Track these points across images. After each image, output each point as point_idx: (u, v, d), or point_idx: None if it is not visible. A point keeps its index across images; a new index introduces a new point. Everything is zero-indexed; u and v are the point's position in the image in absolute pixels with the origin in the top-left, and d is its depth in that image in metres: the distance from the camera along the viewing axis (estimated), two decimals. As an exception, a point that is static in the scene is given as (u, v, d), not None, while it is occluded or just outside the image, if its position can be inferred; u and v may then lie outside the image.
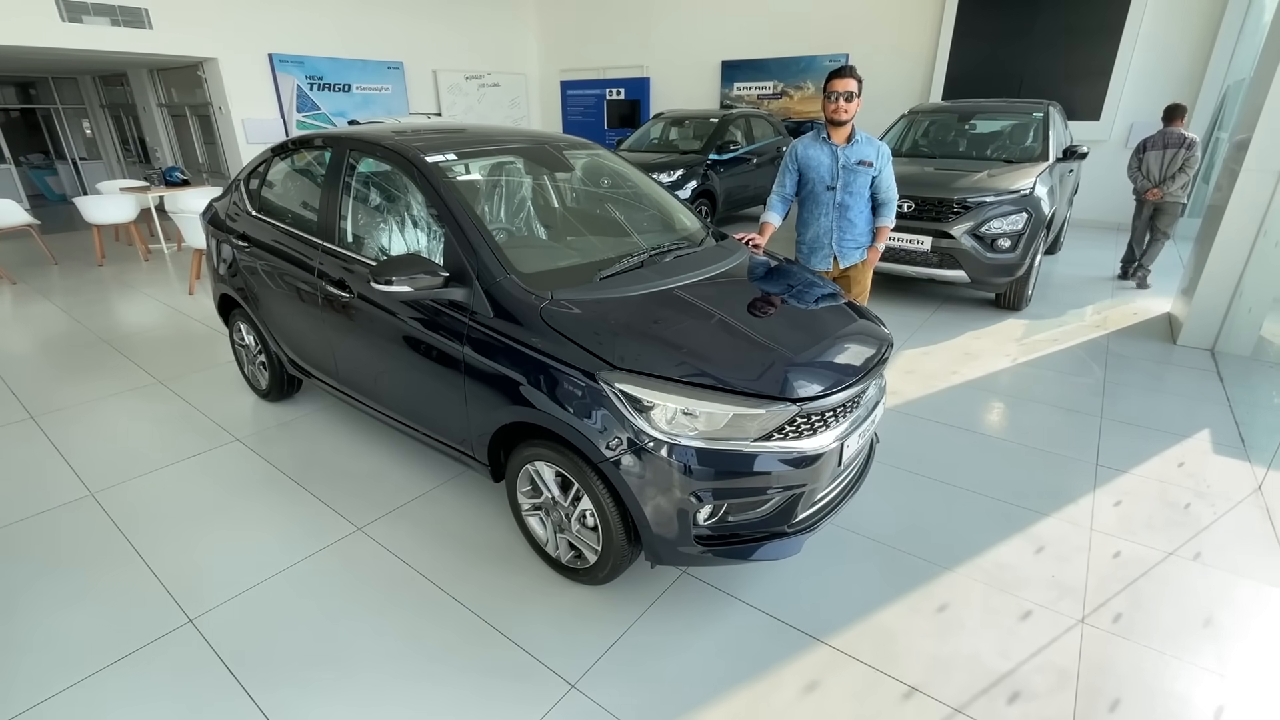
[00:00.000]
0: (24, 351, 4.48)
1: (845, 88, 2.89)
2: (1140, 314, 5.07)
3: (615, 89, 12.26)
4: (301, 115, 9.88)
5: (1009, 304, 5.08)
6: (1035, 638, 2.01)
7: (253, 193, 3.23)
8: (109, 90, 11.89)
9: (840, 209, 3.08)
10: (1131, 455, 3.04)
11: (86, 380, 3.93)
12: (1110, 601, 2.15)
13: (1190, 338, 4.37)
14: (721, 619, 2.10)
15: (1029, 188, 4.70)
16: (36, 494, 2.77)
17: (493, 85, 12.51)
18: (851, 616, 2.10)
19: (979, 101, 6.40)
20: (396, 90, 10.95)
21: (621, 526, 1.96)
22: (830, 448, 1.95)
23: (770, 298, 2.38)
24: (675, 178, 7.06)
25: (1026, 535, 2.49)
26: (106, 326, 4.95)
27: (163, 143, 10.96)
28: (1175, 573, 2.29)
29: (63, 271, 6.65)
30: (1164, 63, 7.69)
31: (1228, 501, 2.69)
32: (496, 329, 2.09)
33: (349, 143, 2.71)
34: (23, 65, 10.14)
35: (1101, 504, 2.68)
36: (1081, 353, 4.29)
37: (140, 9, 8.12)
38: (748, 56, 10.59)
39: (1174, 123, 5.51)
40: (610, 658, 1.95)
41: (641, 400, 1.82)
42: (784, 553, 2.00)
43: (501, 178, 2.88)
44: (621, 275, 2.27)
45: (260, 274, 3.10)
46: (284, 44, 9.50)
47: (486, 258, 2.16)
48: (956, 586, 2.23)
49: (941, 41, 8.82)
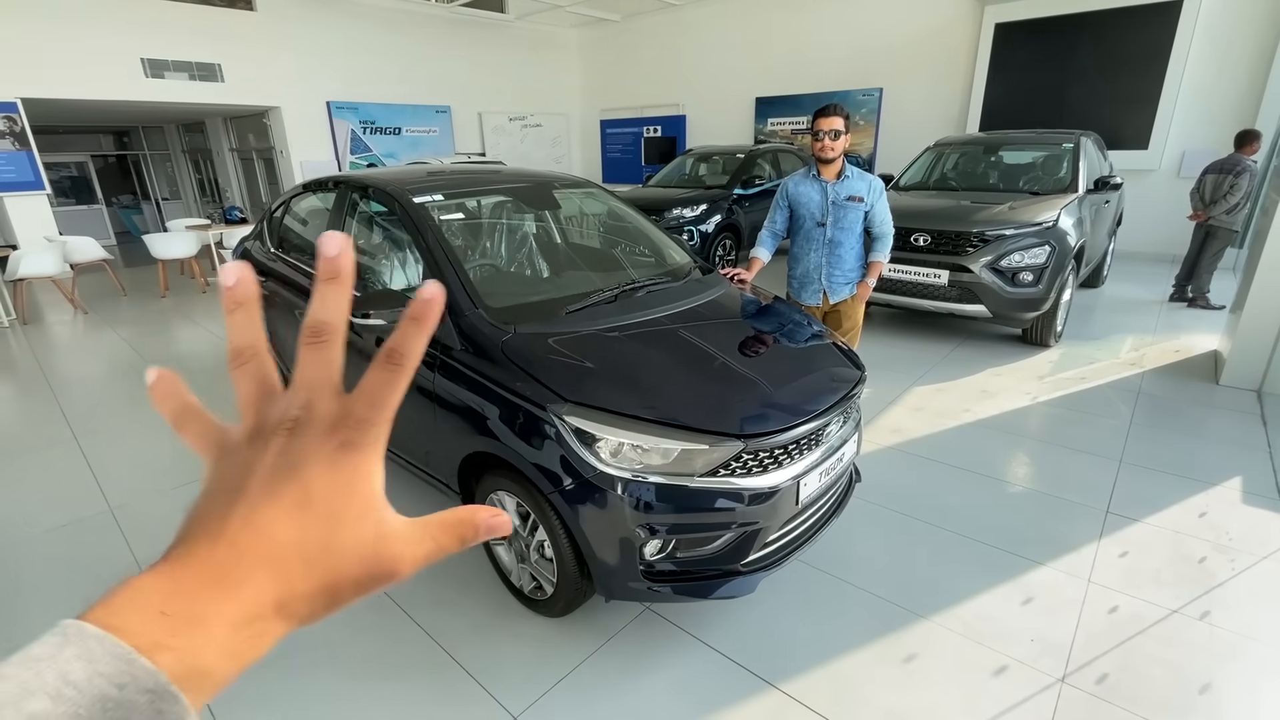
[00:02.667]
0: (82, 376, 4.88)
1: (831, 126, 2.91)
2: (1183, 351, 4.76)
3: (652, 126, 12.58)
4: (354, 157, 10.54)
5: (1035, 339, 4.87)
6: (1006, 696, 1.89)
7: (272, 231, 3.47)
8: (190, 137, 13.01)
9: (830, 245, 3.07)
10: (1148, 503, 2.84)
11: (130, 405, 4.24)
12: (1097, 661, 2.01)
13: (1234, 377, 4.07)
14: (677, 658, 2.06)
15: (1053, 220, 4.54)
16: (63, 508, 3.00)
17: (535, 126, 13.04)
18: (812, 662, 2.03)
19: (1006, 133, 6.26)
20: (443, 132, 11.56)
21: (573, 559, 1.98)
22: (784, 486, 1.92)
23: (737, 333, 2.38)
24: (699, 212, 7.14)
25: (1016, 585, 2.36)
26: (159, 355, 5.34)
27: (232, 184, 11.87)
28: (1176, 632, 2.11)
29: (130, 302, 7.23)
30: (1217, 88, 7.34)
31: (1250, 556, 2.47)
32: (463, 361, 2.17)
33: (351, 184, 2.90)
34: (116, 116, 11.25)
35: (1105, 554, 2.51)
36: (1110, 392, 4.06)
37: (214, 64, 8.92)
38: (781, 93, 10.71)
39: (1242, 148, 5.47)
40: (558, 692, 1.94)
41: (589, 433, 1.85)
42: (738, 591, 1.97)
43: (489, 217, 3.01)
44: (588, 310, 2.32)
45: (275, 306, 3.31)
46: (340, 92, 10.22)
47: (458, 292, 2.26)
48: (930, 636, 2.12)
49: (977, 72, 8.70)
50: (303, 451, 0.31)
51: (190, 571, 0.28)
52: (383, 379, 0.33)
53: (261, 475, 0.31)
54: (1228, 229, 5.55)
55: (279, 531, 0.30)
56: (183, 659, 0.25)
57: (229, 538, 0.29)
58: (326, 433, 0.32)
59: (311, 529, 0.31)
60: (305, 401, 0.32)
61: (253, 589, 0.28)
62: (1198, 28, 7.22)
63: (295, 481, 0.31)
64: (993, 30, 8.43)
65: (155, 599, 0.26)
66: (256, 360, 0.34)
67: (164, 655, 0.24)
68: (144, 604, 0.26)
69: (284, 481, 0.31)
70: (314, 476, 0.31)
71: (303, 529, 0.30)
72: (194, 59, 8.75)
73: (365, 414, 0.33)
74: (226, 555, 0.29)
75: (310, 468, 0.31)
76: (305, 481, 0.31)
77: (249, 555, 0.29)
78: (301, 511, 0.30)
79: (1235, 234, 5.62)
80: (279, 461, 0.31)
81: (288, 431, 0.32)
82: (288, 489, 0.31)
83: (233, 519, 0.30)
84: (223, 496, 0.31)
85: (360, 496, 0.32)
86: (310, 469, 0.31)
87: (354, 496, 0.32)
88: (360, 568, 0.32)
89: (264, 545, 0.29)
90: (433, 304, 0.33)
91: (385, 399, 0.33)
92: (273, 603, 0.29)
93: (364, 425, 0.33)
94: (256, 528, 0.30)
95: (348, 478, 0.32)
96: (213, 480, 0.32)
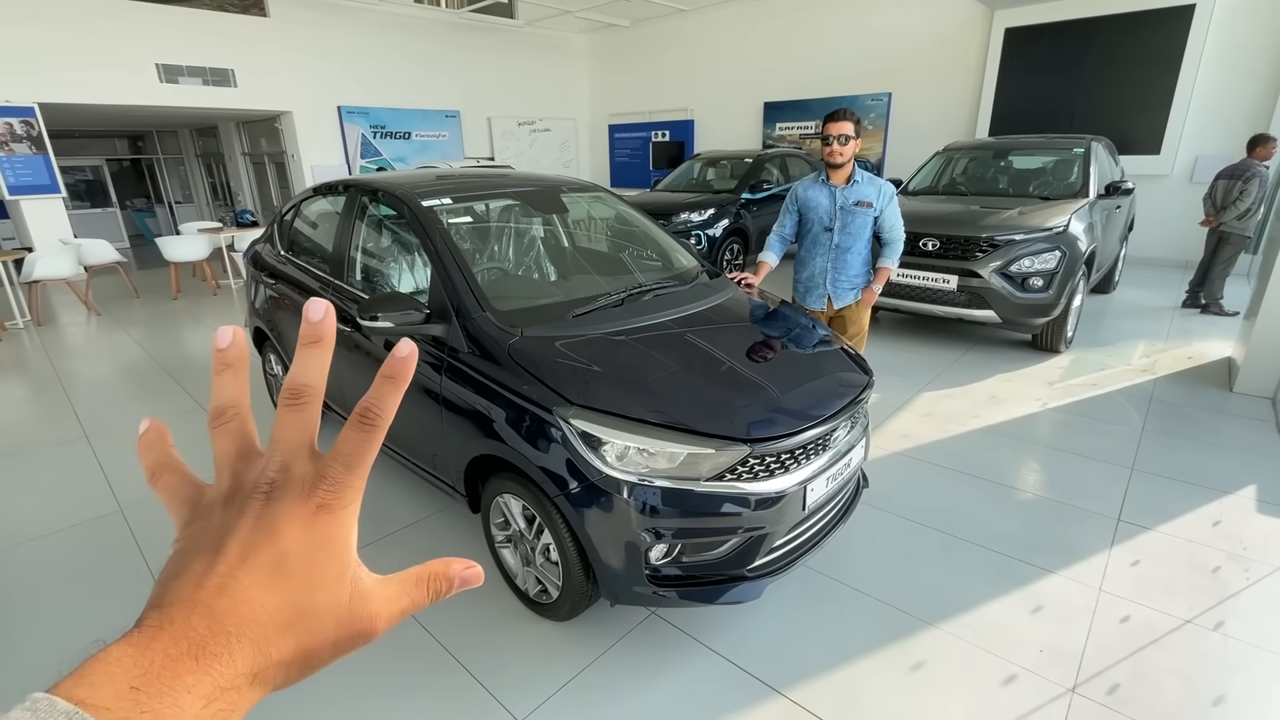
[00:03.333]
0: (94, 377, 4.93)
1: (841, 130, 2.90)
2: (1196, 358, 4.71)
3: (661, 131, 12.61)
4: (364, 161, 10.62)
5: (1046, 345, 4.83)
6: (1015, 705, 1.87)
7: (281, 235, 3.50)
8: (203, 141, 13.15)
9: (837, 250, 3.06)
10: (1160, 511, 2.81)
11: (141, 405, 4.28)
12: (1108, 670, 1.98)
13: (1248, 384, 4.02)
14: (682, 664, 2.05)
15: (1063, 225, 4.51)
16: (75, 507, 3.02)
17: (544, 130, 13.10)
18: (818, 669, 2.02)
19: (1016, 138, 6.23)
20: (453, 136, 11.63)
21: (579, 562, 1.97)
22: (790, 491, 1.91)
23: (743, 337, 2.37)
24: (707, 216, 7.14)
25: (1025, 593, 2.33)
26: (169, 356, 5.39)
27: (244, 187, 11.98)
28: (1190, 642, 2.08)
29: (142, 304, 7.30)
30: (1230, 93, 7.27)
31: (1265, 566, 2.44)
32: (470, 364, 2.18)
33: (360, 188, 2.92)
34: (130, 120, 11.39)
35: (1117, 563, 2.48)
36: (1121, 398, 4.02)
37: (227, 69, 9.02)
38: (789, 98, 10.71)
39: (1253, 153, 5.45)
40: (562, 696, 1.93)
41: (595, 436, 1.85)
42: (744, 597, 1.96)
43: (496, 221, 3.02)
44: (595, 313, 2.32)
45: (285, 308, 3.33)
46: (351, 96, 10.30)
47: (465, 295, 2.27)
48: (937, 644, 2.10)
49: (987, 77, 8.67)
50: (279, 515, 0.31)
51: (164, 642, 0.27)
52: (358, 439, 0.33)
53: (238, 538, 0.31)
54: (1240, 235, 5.51)
55: (256, 597, 0.29)
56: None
57: (205, 605, 0.28)
58: (303, 495, 0.32)
59: (288, 594, 0.30)
60: (282, 464, 0.33)
61: (228, 660, 0.28)
62: (1210, 32, 7.17)
63: (272, 546, 0.31)
64: (1003, 35, 8.39)
65: (128, 672, 0.25)
66: (238, 420, 0.34)
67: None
68: (117, 677, 0.25)
69: (261, 545, 0.31)
70: (291, 540, 0.31)
71: (280, 594, 0.30)
72: (208, 64, 8.86)
73: (341, 476, 0.33)
74: (202, 624, 0.28)
75: (287, 531, 0.31)
76: (282, 546, 0.31)
77: (225, 624, 0.28)
78: (278, 576, 0.30)
79: (1248, 240, 5.57)
80: (256, 525, 0.31)
81: (264, 495, 0.32)
82: (264, 553, 0.30)
83: (209, 584, 0.29)
84: (198, 559, 0.30)
85: (336, 559, 0.32)
86: (287, 532, 0.31)
87: (330, 559, 0.32)
88: (337, 630, 0.32)
89: (240, 612, 0.29)
90: (407, 362, 0.34)
91: (360, 459, 0.33)
92: (248, 673, 0.28)
93: (340, 488, 0.33)
94: (233, 594, 0.29)
95: (323, 540, 0.32)
96: (187, 540, 0.32)
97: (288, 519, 0.31)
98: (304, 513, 0.32)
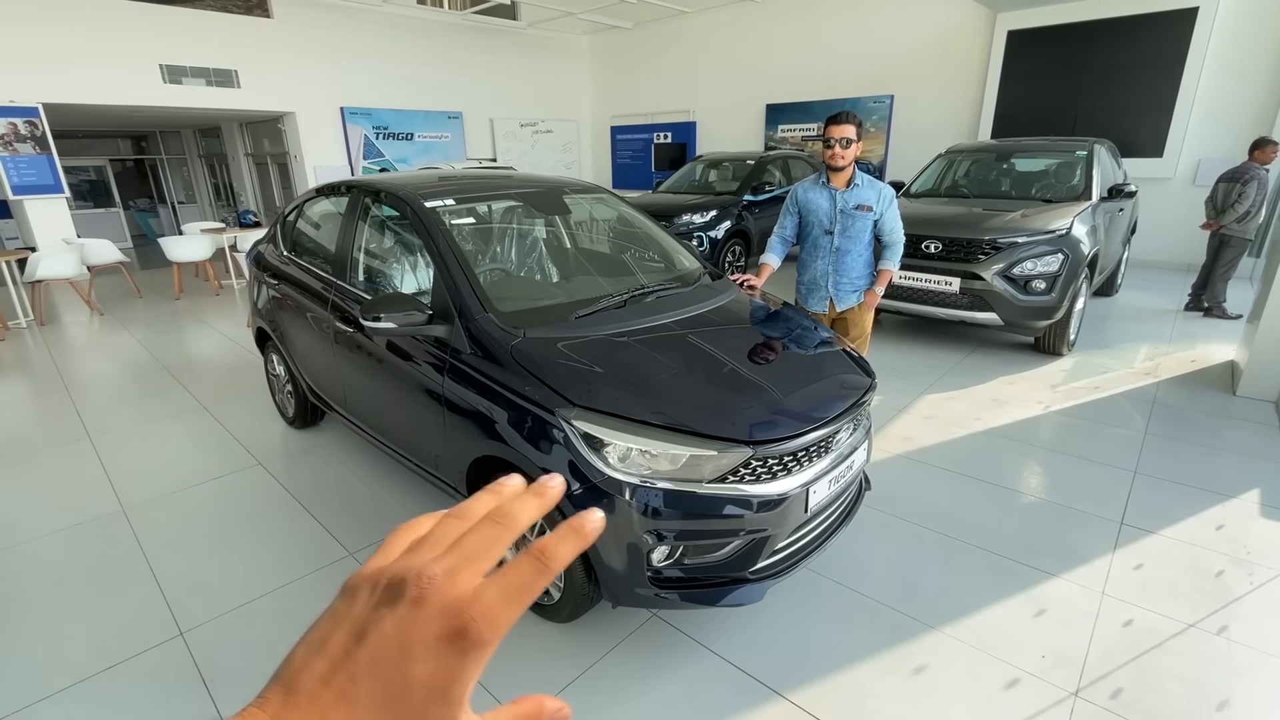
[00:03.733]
0: (96, 376, 4.94)
1: (842, 134, 2.90)
2: (1199, 361, 4.70)
3: (663, 133, 12.62)
4: (367, 162, 10.63)
5: (1048, 348, 4.82)
6: (1018, 709, 1.86)
7: (285, 235, 3.50)
8: (206, 141, 13.18)
9: (838, 253, 3.06)
10: (1163, 515, 2.80)
11: (142, 404, 4.29)
12: (1112, 675, 1.97)
13: (1250, 388, 4.01)
14: (684, 666, 2.05)
15: (1065, 228, 4.50)
16: (78, 506, 3.02)
17: (546, 132, 13.11)
18: (821, 672, 2.01)
19: (1019, 140, 6.23)
20: (455, 138, 11.64)
21: (580, 564, 1.97)
22: (793, 493, 1.91)
23: (746, 339, 2.37)
24: (709, 218, 7.14)
25: (1028, 596, 2.32)
26: (171, 355, 5.40)
27: (247, 188, 12.00)
28: (1194, 647, 2.08)
29: (145, 304, 7.31)
30: (1233, 96, 7.27)
31: (1269, 570, 2.43)
32: (472, 365, 2.18)
33: (363, 189, 2.92)
34: (134, 121, 11.42)
35: (1120, 566, 2.47)
36: (1124, 401, 4.01)
37: (230, 70, 9.04)
38: (792, 99, 10.72)
39: (1253, 155, 5.46)
40: (564, 698, 1.92)
41: (597, 438, 1.85)
42: (746, 599, 1.96)
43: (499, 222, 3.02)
44: (597, 314, 2.32)
45: (288, 309, 3.33)
46: (354, 97, 10.32)
47: (468, 296, 2.27)
48: (940, 647, 2.10)
49: (989, 79, 8.66)
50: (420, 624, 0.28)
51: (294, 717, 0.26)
52: (529, 574, 0.29)
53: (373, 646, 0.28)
54: (1240, 238, 5.50)
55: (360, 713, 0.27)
56: None
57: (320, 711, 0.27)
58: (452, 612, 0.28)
59: None
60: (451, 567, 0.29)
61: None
62: (1214, 35, 7.16)
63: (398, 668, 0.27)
64: (1005, 37, 8.39)
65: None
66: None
67: None
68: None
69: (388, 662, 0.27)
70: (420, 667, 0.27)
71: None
72: (211, 65, 8.88)
73: (498, 607, 0.28)
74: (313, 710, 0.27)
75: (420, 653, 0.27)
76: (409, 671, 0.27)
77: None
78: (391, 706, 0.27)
79: (1249, 243, 5.57)
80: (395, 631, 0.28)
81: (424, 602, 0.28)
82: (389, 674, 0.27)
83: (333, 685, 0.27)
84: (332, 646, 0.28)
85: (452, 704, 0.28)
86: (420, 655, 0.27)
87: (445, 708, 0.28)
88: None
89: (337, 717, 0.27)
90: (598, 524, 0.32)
91: (521, 598, 0.29)
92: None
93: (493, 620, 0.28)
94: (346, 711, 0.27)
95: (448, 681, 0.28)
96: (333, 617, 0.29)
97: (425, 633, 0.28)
98: (444, 632, 0.28)
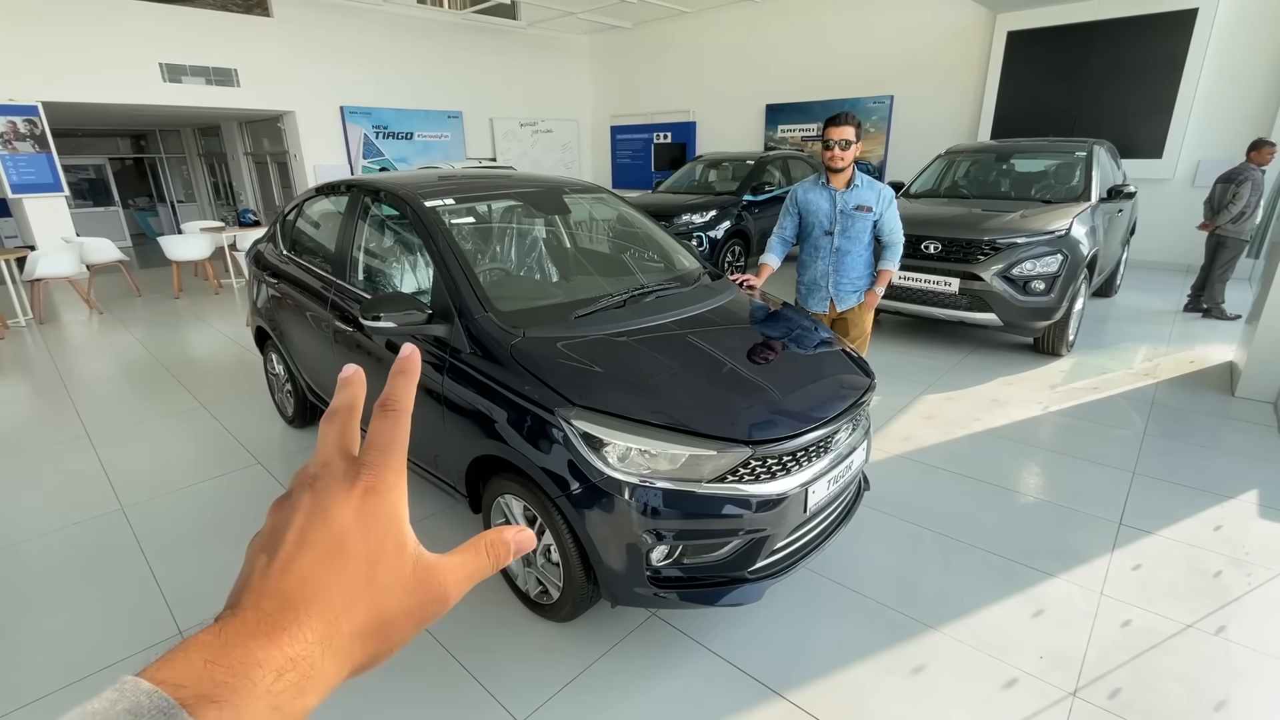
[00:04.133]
0: (96, 375, 4.93)
1: (842, 135, 2.90)
2: (1198, 362, 4.71)
3: (663, 133, 12.62)
4: (367, 161, 10.63)
5: (1047, 349, 4.82)
6: (1016, 709, 1.86)
7: (284, 234, 3.50)
8: (205, 140, 13.17)
9: (837, 253, 3.06)
10: (1162, 515, 2.81)
11: (142, 403, 4.29)
12: (1110, 675, 1.98)
13: (1249, 389, 4.02)
14: (682, 665, 2.05)
15: (1065, 229, 4.51)
16: (77, 505, 3.02)
17: (546, 131, 13.11)
18: (819, 671, 2.01)
19: (1018, 141, 6.23)
20: (455, 137, 11.64)
21: (580, 563, 1.97)
22: (792, 493, 1.91)
23: (745, 339, 2.37)
24: (708, 218, 7.14)
25: (1026, 597, 2.33)
26: (170, 354, 5.39)
27: (246, 187, 12.00)
28: (1192, 647, 2.08)
29: (144, 303, 7.31)
30: (1232, 97, 7.28)
31: (1267, 571, 2.43)
32: (472, 364, 2.18)
33: (363, 188, 2.92)
34: (134, 120, 11.41)
35: (1118, 567, 2.48)
36: (1123, 402, 4.02)
37: (230, 69, 9.04)
38: (791, 100, 10.72)
39: (1250, 156, 5.47)
40: (562, 697, 1.93)
41: (596, 437, 1.85)
42: (744, 599, 1.96)
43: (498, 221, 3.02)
44: (597, 314, 2.32)
45: (287, 308, 3.33)
46: (354, 97, 10.31)
47: (467, 295, 2.27)
48: (938, 647, 2.10)
49: (989, 80, 8.67)
50: (328, 502, 0.34)
51: (235, 625, 0.29)
52: (385, 426, 0.37)
53: (294, 529, 0.33)
54: (1236, 238, 5.51)
55: (319, 575, 0.32)
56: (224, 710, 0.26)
57: (271, 589, 0.31)
58: (347, 483, 0.35)
59: (350, 568, 0.33)
60: (324, 461, 0.36)
61: (297, 632, 0.30)
62: (1213, 37, 7.17)
63: (325, 529, 0.33)
64: (1005, 38, 8.40)
65: (202, 654, 0.28)
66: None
67: (207, 708, 0.26)
68: (193, 658, 0.27)
69: (315, 531, 0.33)
70: (343, 522, 0.34)
71: (342, 570, 0.33)
72: (211, 64, 8.87)
73: (378, 460, 0.36)
74: (270, 605, 0.30)
75: (338, 515, 0.34)
76: (335, 528, 0.33)
77: (293, 601, 0.31)
78: (338, 555, 0.33)
79: (1245, 244, 5.57)
80: (308, 515, 0.34)
81: (310, 488, 0.35)
82: (320, 536, 0.33)
83: (272, 572, 0.32)
84: (261, 556, 0.33)
85: (391, 535, 0.35)
86: (339, 516, 0.34)
87: (386, 535, 0.35)
88: (406, 598, 0.34)
89: (306, 590, 0.31)
90: (412, 358, 0.39)
91: (392, 443, 0.36)
92: (318, 641, 0.30)
93: (379, 469, 0.35)
94: (297, 574, 0.32)
95: (375, 519, 0.35)
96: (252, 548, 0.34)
97: (336, 504, 0.34)
98: (352, 497, 0.34)
